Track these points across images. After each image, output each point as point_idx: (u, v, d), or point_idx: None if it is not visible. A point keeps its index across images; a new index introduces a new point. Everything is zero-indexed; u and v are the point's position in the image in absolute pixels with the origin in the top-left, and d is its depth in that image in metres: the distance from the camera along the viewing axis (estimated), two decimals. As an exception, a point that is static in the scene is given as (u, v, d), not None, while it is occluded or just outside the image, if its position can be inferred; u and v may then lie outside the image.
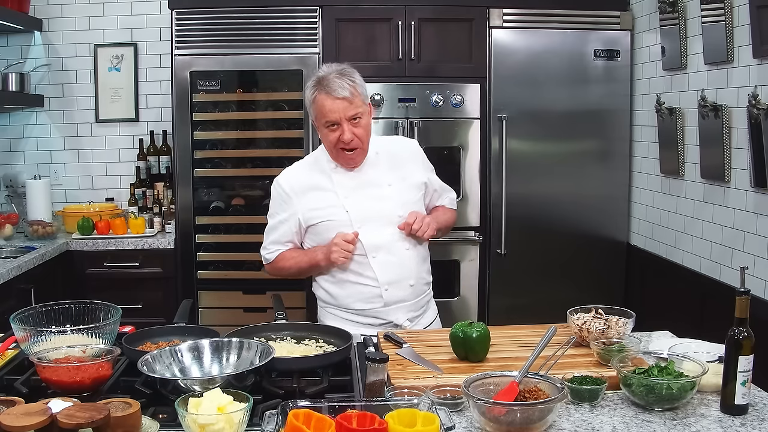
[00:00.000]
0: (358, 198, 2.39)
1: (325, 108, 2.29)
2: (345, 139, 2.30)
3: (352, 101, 2.28)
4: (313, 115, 2.37)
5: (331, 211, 2.39)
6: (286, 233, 2.46)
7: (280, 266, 2.51)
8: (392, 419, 1.39)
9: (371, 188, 2.41)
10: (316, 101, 2.31)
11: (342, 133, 2.30)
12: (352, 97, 2.28)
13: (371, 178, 2.42)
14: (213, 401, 1.43)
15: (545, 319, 2.20)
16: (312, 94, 2.32)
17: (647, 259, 3.83)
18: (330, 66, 2.35)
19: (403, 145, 2.60)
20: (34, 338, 1.84)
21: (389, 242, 2.38)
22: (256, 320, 2.21)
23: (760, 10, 2.72)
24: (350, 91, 2.27)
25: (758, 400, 1.70)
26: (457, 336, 1.95)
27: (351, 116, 2.29)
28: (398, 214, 2.39)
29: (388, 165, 2.45)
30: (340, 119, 2.28)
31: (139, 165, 4.40)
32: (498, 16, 3.86)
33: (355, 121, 2.30)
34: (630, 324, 2.01)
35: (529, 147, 3.94)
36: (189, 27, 3.84)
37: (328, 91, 2.27)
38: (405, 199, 2.43)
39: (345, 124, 2.29)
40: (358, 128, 2.32)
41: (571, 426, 1.57)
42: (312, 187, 2.43)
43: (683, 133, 3.42)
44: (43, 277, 3.57)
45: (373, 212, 2.38)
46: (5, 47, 4.35)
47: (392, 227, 2.39)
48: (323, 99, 2.29)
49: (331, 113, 2.28)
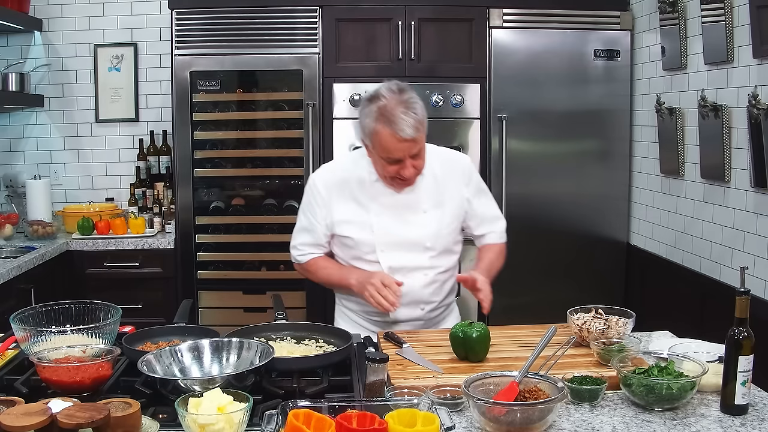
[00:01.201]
0: (389, 219, 2.30)
1: (389, 147, 2.13)
2: (406, 175, 2.19)
3: (417, 139, 2.13)
4: (370, 144, 2.20)
5: (358, 228, 2.31)
6: (318, 237, 2.38)
7: (312, 271, 2.45)
8: (392, 419, 1.39)
9: (405, 211, 2.31)
10: (377, 134, 2.13)
11: (404, 168, 2.18)
12: (417, 133, 2.12)
13: (409, 200, 2.30)
14: (213, 401, 1.43)
15: (545, 319, 2.20)
16: (372, 124, 2.14)
17: (647, 259, 3.83)
18: (391, 91, 2.15)
19: (452, 163, 2.40)
20: (34, 338, 1.84)
21: (408, 269, 2.31)
22: (256, 320, 2.21)
23: (760, 10, 2.72)
24: (416, 128, 2.10)
25: (758, 400, 1.70)
26: (457, 336, 1.95)
27: (414, 154, 2.17)
28: (426, 245, 2.31)
29: (430, 186, 2.32)
30: (404, 157, 2.16)
31: (139, 165, 4.40)
32: (498, 16, 3.86)
33: (417, 154, 2.18)
34: (630, 324, 2.01)
35: (529, 147, 3.94)
36: (189, 27, 3.84)
37: (394, 129, 2.09)
38: (437, 228, 2.32)
39: (408, 160, 2.16)
40: (419, 160, 2.20)
41: (571, 426, 1.57)
42: (346, 195, 2.33)
43: (683, 133, 3.42)
44: (43, 277, 3.57)
45: (400, 238, 2.30)
46: (5, 47, 4.35)
47: (415, 254, 2.31)
48: (387, 137, 2.11)
49: (396, 152, 2.14)
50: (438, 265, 2.36)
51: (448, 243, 2.37)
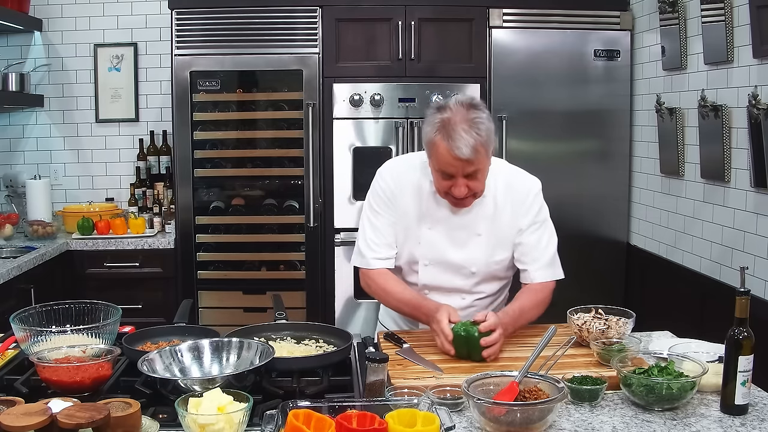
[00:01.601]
0: (437, 237, 2.20)
1: (443, 161, 2.03)
2: (456, 194, 2.06)
3: (473, 161, 2.00)
4: (428, 153, 2.10)
5: (408, 237, 2.22)
6: (392, 236, 2.23)
7: (381, 285, 2.23)
8: (392, 419, 1.39)
9: (458, 231, 2.19)
10: (435, 146, 2.03)
11: (455, 186, 2.05)
12: (475, 155, 1.99)
13: (464, 220, 2.18)
14: (213, 401, 1.43)
15: (545, 319, 2.20)
16: (433, 134, 2.03)
17: (647, 259, 3.83)
18: (460, 105, 2.03)
19: (516, 188, 2.22)
20: (34, 338, 1.84)
21: (446, 288, 2.23)
22: (256, 320, 2.21)
23: (760, 10, 2.72)
24: (474, 148, 1.98)
25: (758, 400, 1.70)
26: (460, 335, 1.95)
27: (469, 173, 2.04)
28: (471, 270, 2.21)
29: (489, 210, 2.19)
30: (456, 174, 2.04)
31: (139, 165, 4.40)
32: (498, 16, 3.86)
33: (473, 175, 2.05)
34: (630, 324, 2.01)
35: (529, 147, 3.94)
36: (189, 27, 3.84)
37: (450, 144, 1.98)
38: (487, 255, 2.19)
39: (460, 179, 2.04)
40: (474, 182, 2.06)
41: (571, 426, 1.57)
42: (409, 194, 2.22)
43: (683, 133, 3.42)
44: (43, 277, 3.57)
45: (446, 258, 2.20)
46: (5, 47, 4.35)
47: (457, 277, 2.22)
48: (443, 150, 2.01)
49: (449, 168, 2.03)
50: (480, 291, 2.26)
51: (495, 270, 2.24)
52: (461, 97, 2.07)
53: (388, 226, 2.23)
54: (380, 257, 2.24)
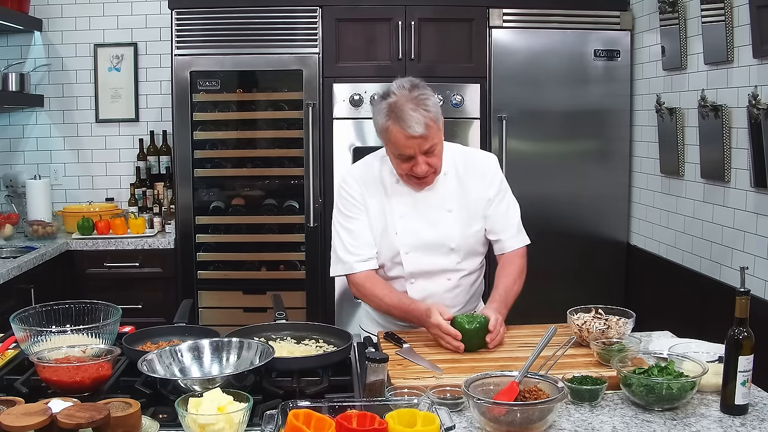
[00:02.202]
0: (412, 221, 2.25)
1: (399, 144, 2.10)
2: (418, 172, 2.14)
3: (427, 136, 2.08)
4: (383, 140, 2.19)
5: (384, 231, 2.27)
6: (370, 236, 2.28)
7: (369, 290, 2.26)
8: (392, 419, 1.39)
9: (429, 211, 2.26)
10: (388, 131, 2.11)
11: (416, 165, 2.13)
12: (428, 130, 2.08)
13: (432, 200, 2.26)
14: (213, 401, 1.43)
15: (545, 319, 2.20)
16: (384, 121, 2.11)
17: (647, 259, 3.83)
18: (402, 88, 2.11)
19: (477, 162, 2.32)
20: (34, 338, 1.84)
21: (431, 272, 2.28)
22: (256, 320, 2.21)
23: (760, 10, 2.72)
24: (426, 124, 2.06)
25: (758, 400, 1.70)
26: (463, 326, 1.99)
27: (426, 150, 2.12)
28: (451, 246, 2.26)
29: (453, 186, 2.27)
30: (414, 154, 2.12)
31: (139, 165, 4.40)
32: (498, 16, 3.86)
33: (430, 151, 2.13)
34: (630, 324, 2.01)
35: (529, 147, 3.94)
36: (189, 27, 3.84)
37: (402, 126, 2.06)
38: (462, 228, 2.26)
39: (419, 156, 2.12)
40: (432, 157, 2.15)
41: (571, 426, 1.57)
42: (375, 192, 2.29)
43: (683, 133, 3.42)
44: (43, 277, 3.57)
45: (424, 240, 2.25)
46: (5, 47, 4.35)
47: (439, 257, 2.26)
48: (397, 133, 2.09)
49: (406, 149, 2.11)
50: (462, 268, 2.31)
51: (473, 244, 2.31)
52: (401, 80, 2.14)
53: (363, 227, 2.29)
54: (362, 259, 2.27)
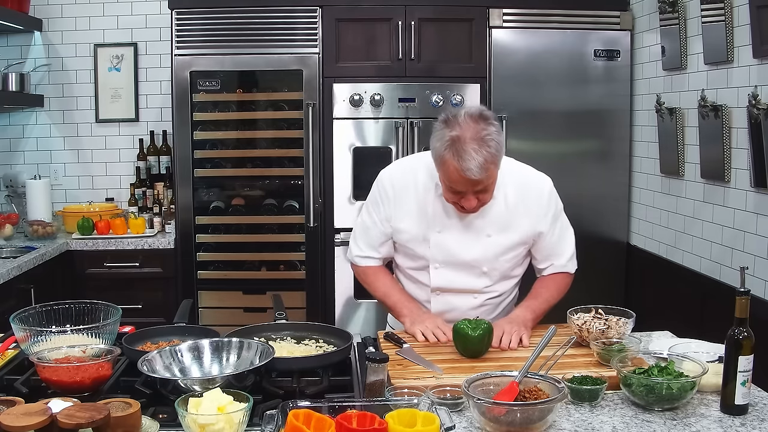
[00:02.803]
0: (448, 238, 2.19)
1: (452, 178, 2.00)
2: (466, 207, 2.06)
3: (483, 180, 1.99)
4: (437, 165, 2.06)
5: (415, 238, 2.21)
6: (380, 238, 2.27)
7: (369, 282, 2.31)
8: (392, 419, 1.39)
9: (468, 233, 2.18)
10: (444, 163, 1.99)
11: (465, 200, 2.05)
12: (485, 173, 1.96)
13: (474, 222, 2.17)
14: (213, 401, 1.43)
15: (545, 319, 2.20)
16: (442, 150, 1.98)
17: (647, 259, 3.83)
18: (471, 119, 1.97)
19: (529, 188, 2.21)
20: (34, 338, 1.84)
21: (458, 288, 2.24)
22: (256, 320, 2.21)
23: (760, 10, 2.72)
24: (485, 168, 1.95)
25: (758, 400, 1.70)
26: (461, 333, 1.97)
27: (479, 190, 2.04)
28: (483, 269, 2.21)
29: (500, 211, 2.17)
30: (466, 191, 2.03)
31: (139, 165, 4.40)
32: (498, 16, 3.86)
33: (483, 189, 2.04)
34: (630, 324, 2.01)
35: (529, 147, 3.93)
36: (189, 27, 3.84)
37: (460, 164, 1.94)
38: (497, 254, 2.19)
39: (470, 194, 2.04)
40: (484, 194, 2.06)
41: (571, 426, 1.57)
42: (411, 199, 2.21)
43: (683, 133, 3.42)
44: (43, 277, 3.57)
45: (457, 259, 2.19)
46: (5, 47, 4.35)
47: (469, 277, 2.22)
48: (453, 168, 1.97)
49: (458, 185, 2.02)
50: (492, 290, 2.26)
51: (506, 270, 2.25)
52: (470, 110, 2.02)
53: (378, 230, 2.28)
54: (364, 256, 2.32)
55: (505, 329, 2.07)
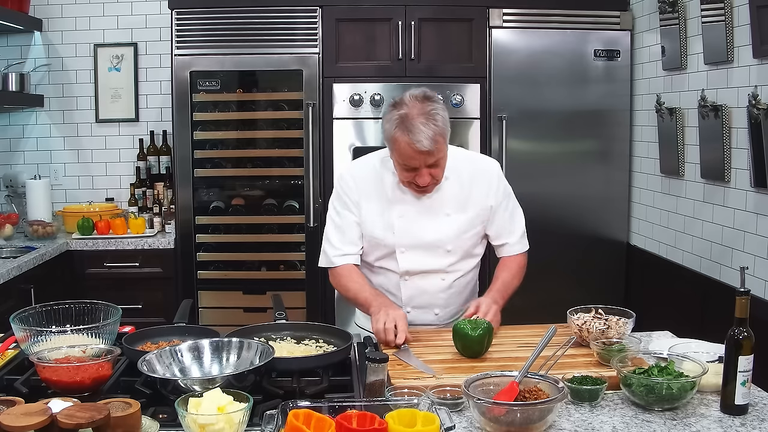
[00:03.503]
0: (409, 222, 2.28)
1: (405, 154, 2.13)
2: (421, 183, 2.18)
3: (434, 152, 2.11)
4: (390, 149, 2.22)
5: (381, 227, 2.29)
6: (355, 229, 2.32)
7: (343, 283, 2.33)
8: (392, 419, 1.39)
9: (428, 214, 2.28)
10: (396, 141, 2.13)
11: (419, 176, 2.16)
12: (435, 145, 2.09)
13: (432, 203, 2.28)
14: (213, 401, 1.43)
15: (545, 319, 2.20)
16: (392, 130, 2.13)
17: (647, 259, 3.83)
18: (415, 99, 2.13)
19: (479, 169, 2.36)
20: (34, 338, 1.84)
21: (426, 272, 2.30)
22: (256, 320, 2.21)
23: (760, 10, 2.72)
24: (434, 140, 2.08)
25: (758, 400, 1.70)
26: (460, 333, 1.97)
27: (431, 163, 2.15)
28: (446, 248, 2.29)
29: (455, 190, 2.30)
30: (418, 166, 2.14)
31: (139, 165, 4.40)
32: (498, 16, 3.86)
33: (435, 164, 2.16)
34: (630, 324, 2.01)
35: (529, 147, 3.94)
36: (189, 27, 3.84)
37: (411, 138, 2.08)
38: (458, 231, 2.29)
39: (423, 169, 2.15)
40: (436, 169, 2.18)
41: (571, 426, 1.57)
42: (372, 193, 2.32)
43: (683, 133, 3.42)
44: (43, 277, 3.57)
45: (421, 241, 2.28)
46: (5, 47, 4.35)
47: (434, 257, 2.29)
48: (405, 145, 2.11)
49: (411, 161, 2.13)
50: (457, 269, 2.34)
51: (469, 247, 2.34)
52: (414, 91, 2.17)
53: (351, 224, 2.33)
54: (342, 254, 2.33)
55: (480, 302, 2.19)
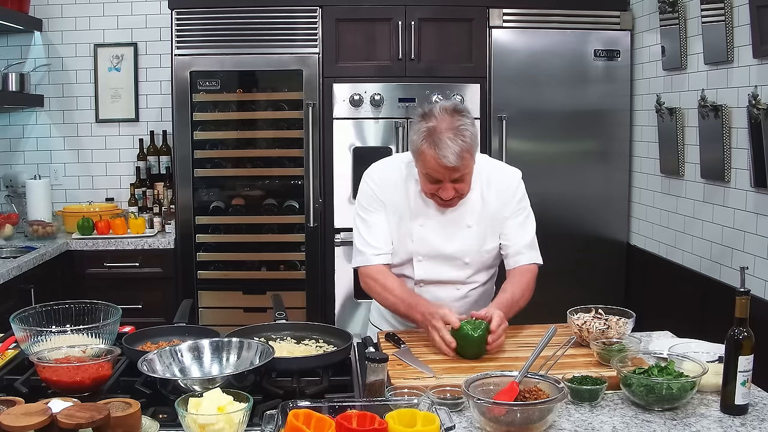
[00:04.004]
0: (429, 231, 2.26)
1: (430, 167, 2.10)
2: (443, 197, 2.15)
3: (459, 168, 2.08)
4: (415, 159, 2.17)
5: (398, 234, 2.27)
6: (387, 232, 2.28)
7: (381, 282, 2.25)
8: (392, 419, 1.39)
9: (448, 224, 2.25)
10: (422, 153, 2.10)
11: (443, 190, 2.14)
12: (461, 162, 2.06)
13: (453, 213, 2.25)
14: (213, 401, 1.43)
15: (545, 319, 2.20)
16: (419, 142, 2.10)
17: (647, 259, 3.83)
18: (445, 112, 2.10)
19: (499, 180, 2.31)
20: (34, 338, 1.84)
21: (442, 282, 2.28)
22: (256, 320, 2.21)
23: (760, 10, 2.72)
24: (460, 156, 2.05)
25: (758, 400, 1.70)
26: (463, 335, 1.96)
27: (455, 178, 2.13)
28: (465, 261, 2.27)
29: (476, 202, 2.26)
30: (443, 179, 2.12)
31: (139, 165, 4.40)
32: (498, 16, 3.86)
33: (460, 179, 2.13)
34: (630, 324, 2.01)
35: (529, 147, 3.94)
36: (189, 27, 3.84)
37: (437, 152, 2.05)
38: (479, 245, 2.26)
39: (448, 183, 2.13)
40: (461, 185, 2.15)
41: (571, 426, 1.57)
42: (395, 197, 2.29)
43: (683, 133, 3.42)
44: (43, 277, 3.57)
45: (439, 251, 2.25)
46: (5, 47, 4.35)
47: (452, 269, 2.28)
48: (430, 158, 2.08)
49: (436, 174, 2.11)
50: (474, 281, 2.32)
51: (486, 260, 2.32)
52: (445, 104, 2.14)
53: (382, 222, 2.30)
54: (379, 253, 2.28)
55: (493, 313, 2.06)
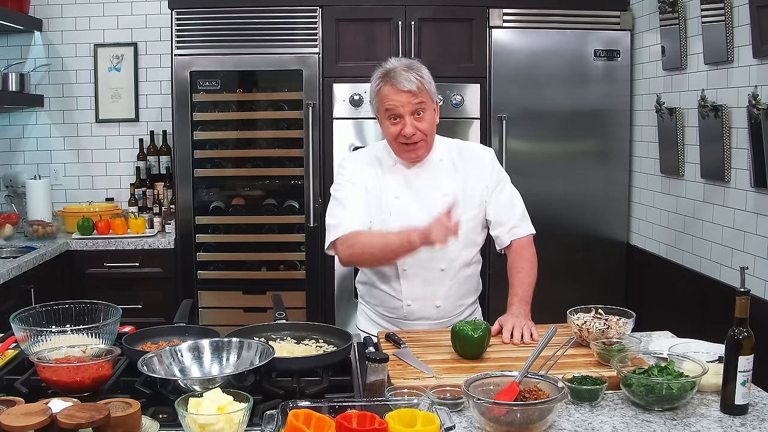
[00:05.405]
0: (406, 203, 2.29)
1: (388, 99, 2.20)
2: (406, 133, 2.21)
3: (417, 95, 2.19)
4: (376, 107, 2.29)
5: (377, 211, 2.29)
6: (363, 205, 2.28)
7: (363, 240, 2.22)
8: (392, 419, 1.39)
9: (424, 194, 2.29)
10: (380, 92, 2.23)
11: (404, 126, 2.21)
12: (418, 90, 2.19)
13: (427, 183, 2.30)
14: (213, 401, 1.43)
15: (545, 319, 2.20)
16: (377, 85, 2.24)
17: (647, 259, 3.83)
18: (399, 60, 2.28)
19: (473, 152, 2.40)
20: (34, 338, 1.84)
21: (424, 258, 2.25)
22: (256, 320, 2.21)
23: (760, 10, 2.72)
24: (417, 85, 2.18)
25: (758, 400, 1.70)
26: (461, 334, 1.96)
27: (414, 110, 2.20)
28: None
29: (449, 171, 2.33)
30: (402, 113, 2.20)
31: (139, 165, 4.40)
32: (498, 16, 3.86)
33: (419, 115, 2.21)
34: (630, 324, 2.01)
35: (529, 147, 3.94)
36: (189, 27, 3.84)
37: (394, 83, 2.19)
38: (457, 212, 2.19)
39: (408, 117, 2.20)
40: (421, 122, 2.22)
41: (571, 426, 1.57)
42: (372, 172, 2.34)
43: (683, 133, 3.42)
44: (43, 277, 3.57)
45: (418, 221, 2.18)
46: (5, 47, 4.35)
47: None
48: (387, 90, 2.21)
49: (394, 105, 2.20)
50: (458, 256, 2.31)
51: (468, 231, 2.29)
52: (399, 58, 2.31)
53: (357, 197, 2.31)
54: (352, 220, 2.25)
55: (514, 324, 2.16)
